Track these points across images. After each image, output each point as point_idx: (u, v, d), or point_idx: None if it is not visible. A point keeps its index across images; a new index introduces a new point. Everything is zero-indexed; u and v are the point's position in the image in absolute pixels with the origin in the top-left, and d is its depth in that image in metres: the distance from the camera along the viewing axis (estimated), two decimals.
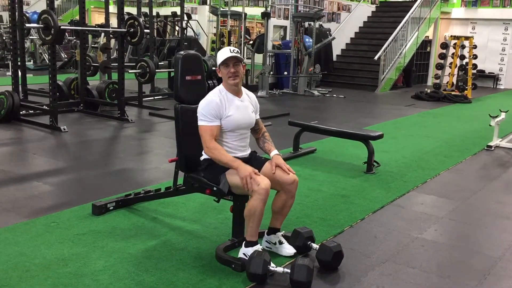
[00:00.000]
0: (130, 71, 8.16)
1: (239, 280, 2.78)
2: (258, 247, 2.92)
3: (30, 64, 13.66)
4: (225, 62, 2.95)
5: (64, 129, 6.50)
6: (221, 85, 3.05)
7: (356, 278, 2.89)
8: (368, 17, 15.68)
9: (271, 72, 11.96)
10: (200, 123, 2.94)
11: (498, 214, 4.11)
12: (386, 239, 3.47)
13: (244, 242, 2.95)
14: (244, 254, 2.92)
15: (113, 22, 9.81)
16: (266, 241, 3.14)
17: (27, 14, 9.73)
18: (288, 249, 3.10)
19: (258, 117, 3.17)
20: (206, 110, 2.91)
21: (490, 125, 6.61)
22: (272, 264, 2.79)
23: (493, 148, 6.51)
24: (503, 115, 6.67)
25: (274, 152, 3.09)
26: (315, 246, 3.09)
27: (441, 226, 3.80)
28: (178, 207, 3.86)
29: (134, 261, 2.96)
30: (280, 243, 3.11)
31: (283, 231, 3.20)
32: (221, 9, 11.59)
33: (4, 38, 13.96)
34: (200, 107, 2.96)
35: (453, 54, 12.25)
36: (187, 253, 3.10)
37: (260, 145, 3.20)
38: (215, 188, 2.99)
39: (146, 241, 3.24)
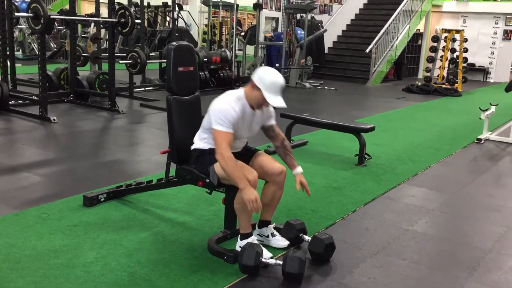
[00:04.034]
0: (120, 61, 8.08)
1: (232, 271, 2.79)
2: (253, 239, 2.93)
3: (19, 53, 13.48)
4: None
5: (54, 119, 6.44)
6: (242, 93, 2.86)
7: (348, 270, 2.90)
8: (360, 9, 15.66)
9: (263, 64, 11.92)
10: (217, 127, 2.75)
11: (488, 207, 4.15)
12: (377, 231, 3.49)
13: (239, 235, 2.96)
14: (240, 247, 2.92)
15: (104, 12, 9.70)
16: (258, 234, 3.13)
17: (16, 3, 9.58)
18: (281, 241, 3.10)
19: (273, 123, 3.07)
20: (225, 115, 2.76)
21: (480, 118, 6.66)
22: (264, 256, 2.80)
23: (483, 141, 6.57)
24: (493, 109, 6.72)
25: (299, 170, 3.04)
26: (307, 238, 3.10)
27: (432, 219, 3.83)
28: (170, 199, 3.85)
29: (126, 252, 2.95)
30: (273, 235, 3.12)
31: (274, 223, 3.21)
32: (213, 0, 11.51)
33: None
34: (217, 110, 2.79)
35: (444, 47, 12.29)
36: (179, 245, 3.09)
37: (281, 156, 3.10)
38: (207, 180, 2.98)
39: (138, 232, 3.23)
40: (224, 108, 2.78)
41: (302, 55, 11.93)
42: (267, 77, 2.78)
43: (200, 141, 2.98)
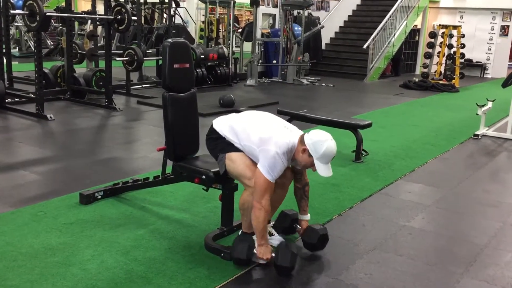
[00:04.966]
0: (117, 59, 8.06)
1: (228, 268, 2.79)
2: (253, 238, 2.92)
3: (15, 51, 13.42)
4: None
5: (50, 117, 6.42)
6: (294, 145, 2.74)
7: (344, 266, 2.90)
8: (357, 5, 15.64)
9: (260, 61, 11.91)
10: (264, 172, 2.67)
11: (484, 202, 4.16)
12: (374, 227, 3.50)
13: (240, 232, 2.98)
14: None
15: (100, 9, 9.67)
16: None
17: (11, 1, 9.55)
18: (279, 241, 3.09)
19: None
20: (276, 168, 2.68)
21: (477, 114, 6.67)
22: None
23: (479, 137, 6.57)
24: (490, 104, 6.73)
25: (307, 217, 3.08)
26: (299, 227, 3.11)
27: (428, 214, 3.84)
28: (166, 196, 3.85)
29: (123, 250, 2.94)
30: (270, 234, 3.11)
31: (272, 222, 3.21)
32: None
33: None
34: (270, 157, 2.66)
35: (441, 43, 12.30)
36: (176, 242, 3.09)
37: (297, 197, 3.07)
38: (203, 177, 2.98)
39: (134, 230, 3.23)
40: (277, 161, 2.68)
41: (299, 51, 11.91)
42: (323, 147, 2.66)
43: (229, 133, 2.87)
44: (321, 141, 2.68)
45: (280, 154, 2.68)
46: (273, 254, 2.76)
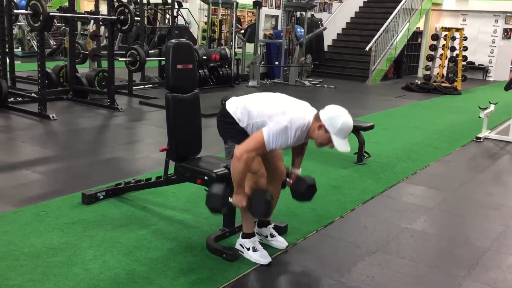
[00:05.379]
0: (120, 59, 8.07)
1: (230, 270, 2.79)
2: (255, 239, 2.92)
3: (18, 51, 13.45)
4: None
5: (53, 117, 6.43)
6: (310, 120, 2.68)
7: (346, 268, 2.90)
8: (360, 7, 15.64)
9: (262, 62, 11.91)
10: (265, 137, 2.59)
11: (487, 205, 4.15)
12: (376, 230, 3.49)
13: (241, 233, 2.97)
14: (240, 245, 2.93)
15: (103, 9, 9.67)
16: (257, 233, 3.11)
17: (15, 0, 9.56)
18: (280, 243, 3.10)
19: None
20: (278, 140, 2.61)
21: (479, 117, 6.66)
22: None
23: (482, 140, 6.56)
24: (492, 107, 6.72)
25: (298, 171, 3.03)
26: (289, 180, 3.03)
27: (430, 217, 3.83)
28: (169, 196, 3.85)
29: (125, 250, 2.94)
30: (272, 236, 3.11)
31: (274, 223, 3.20)
32: None
33: None
34: (278, 128, 2.60)
35: (443, 45, 12.28)
36: (178, 242, 3.09)
37: (294, 153, 3.05)
38: (206, 178, 2.98)
39: (136, 230, 3.23)
40: (283, 134, 2.61)
41: (301, 53, 11.91)
42: (339, 121, 2.60)
43: (241, 114, 2.78)
44: (337, 116, 2.62)
45: (290, 128, 2.61)
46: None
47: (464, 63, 12.57)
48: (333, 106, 2.69)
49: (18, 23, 13.24)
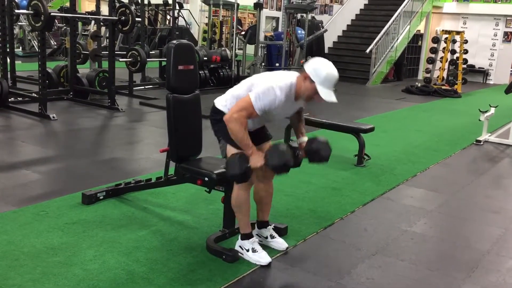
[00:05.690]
0: (120, 59, 8.07)
1: (230, 271, 2.79)
2: (254, 240, 2.92)
3: (19, 50, 13.45)
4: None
5: (53, 117, 6.43)
6: (294, 81, 2.71)
7: (346, 270, 2.90)
8: (361, 9, 15.65)
9: (263, 63, 11.91)
10: (252, 99, 2.62)
11: (486, 208, 4.15)
12: (376, 232, 3.49)
13: (240, 235, 2.96)
14: (240, 246, 2.93)
15: (104, 9, 9.68)
16: (257, 234, 3.11)
17: (16, 0, 9.57)
18: (280, 244, 3.10)
19: (302, 105, 2.97)
20: (266, 101, 2.63)
21: (479, 120, 6.66)
22: None
23: (482, 143, 6.57)
24: (492, 110, 6.72)
25: (305, 138, 3.00)
26: (301, 153, 2.99)
27: (430, 220, 3.83)
28: (169, 197, 3.85)
29: (124, 251, 2.94)
30: (272, 237, 3.10)
31: (274, 224, 3.20)
32: None
33: None
34: (264, 89, 2.62)
35: (444, 48, 12.29)
36: (178, 243, 3.09)
37: (293, 122, 3.06)
38: (206, 179, 2.98)
39: (136, 231, 3.23)
40: (270, 93, 2.63)
41: (302, 55, 11.91)
42: (323, 70, 2.63)
43: (231, 104, 2.79)
44: (321, 66, 2.65)
45: (275, 88, 2.63)
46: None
47: (465, 66, 12.59)
48: (317, 58, 2.73)
49: (19, 23, 13.25)
